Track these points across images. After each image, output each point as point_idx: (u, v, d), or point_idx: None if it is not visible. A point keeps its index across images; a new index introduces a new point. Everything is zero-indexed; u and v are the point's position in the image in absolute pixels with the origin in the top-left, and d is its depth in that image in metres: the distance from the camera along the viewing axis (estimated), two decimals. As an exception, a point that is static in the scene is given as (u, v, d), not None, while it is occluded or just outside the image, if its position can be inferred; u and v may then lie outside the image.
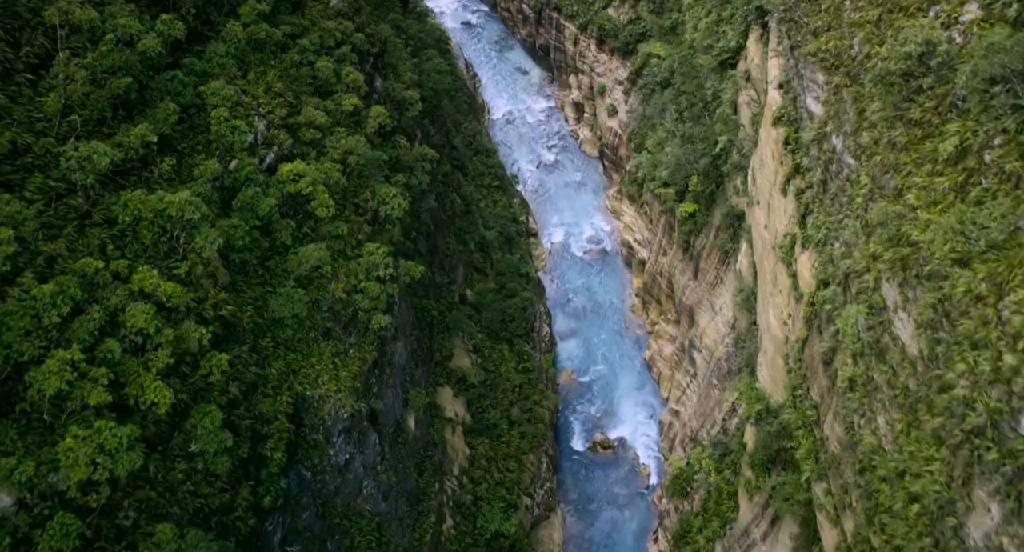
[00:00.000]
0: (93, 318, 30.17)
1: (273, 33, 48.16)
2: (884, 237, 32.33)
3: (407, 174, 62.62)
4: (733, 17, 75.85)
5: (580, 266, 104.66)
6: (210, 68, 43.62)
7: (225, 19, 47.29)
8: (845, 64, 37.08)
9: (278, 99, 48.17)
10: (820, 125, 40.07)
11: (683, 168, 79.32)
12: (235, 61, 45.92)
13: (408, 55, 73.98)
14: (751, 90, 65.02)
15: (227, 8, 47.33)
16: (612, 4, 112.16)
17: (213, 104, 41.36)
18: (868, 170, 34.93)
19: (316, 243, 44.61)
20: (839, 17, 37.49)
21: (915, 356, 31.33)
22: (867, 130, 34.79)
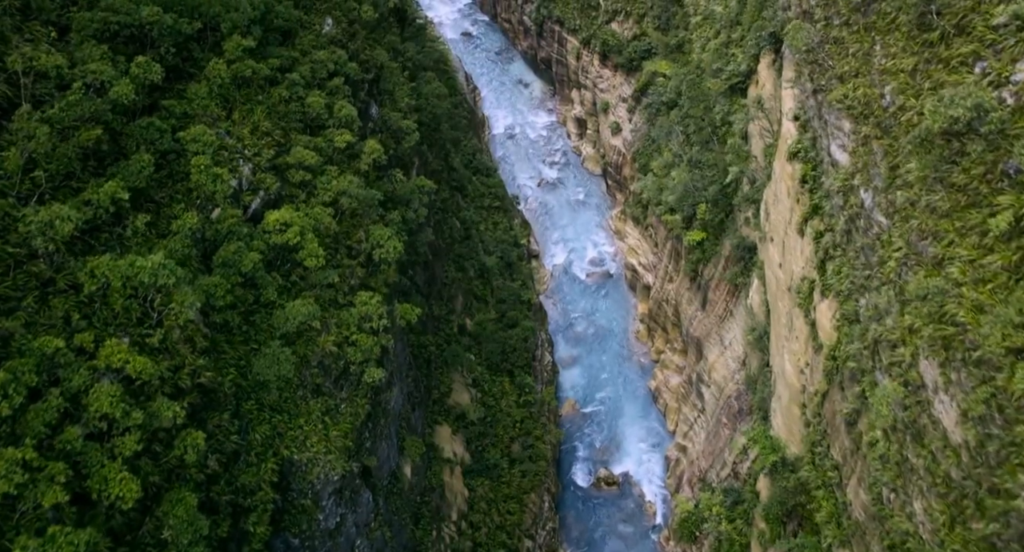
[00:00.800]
0: (51, 406, 27.25)
1: (260, 69, 45.25)
2: (923, 311, 29.41)
3: (403, 208, 59.76)
4: (743, 40, 72.97)
5: (583, 289, 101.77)
6: (191, 110, 40.71)
7: (209, 55, 44.39)
8: (875, 114, 34.19)
9: (265, 139, 45.26)
10: (846, 176, 37.15)
11: (691, 195, 76.45)
12: (219, 100, 43.02)
13: (405, 79, 71.09)
14: (763, 119, 62.12)
15: (211, 43, 44.43)
16: (616, 19, 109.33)
17: (193, 151, 38.44)
18: (903, 233, 32.01)
19: (304, 298, 41.67)
20: (868, 63, 34.60)
21: (959, 444, 28.42)
22: (901, 189, 31.88)
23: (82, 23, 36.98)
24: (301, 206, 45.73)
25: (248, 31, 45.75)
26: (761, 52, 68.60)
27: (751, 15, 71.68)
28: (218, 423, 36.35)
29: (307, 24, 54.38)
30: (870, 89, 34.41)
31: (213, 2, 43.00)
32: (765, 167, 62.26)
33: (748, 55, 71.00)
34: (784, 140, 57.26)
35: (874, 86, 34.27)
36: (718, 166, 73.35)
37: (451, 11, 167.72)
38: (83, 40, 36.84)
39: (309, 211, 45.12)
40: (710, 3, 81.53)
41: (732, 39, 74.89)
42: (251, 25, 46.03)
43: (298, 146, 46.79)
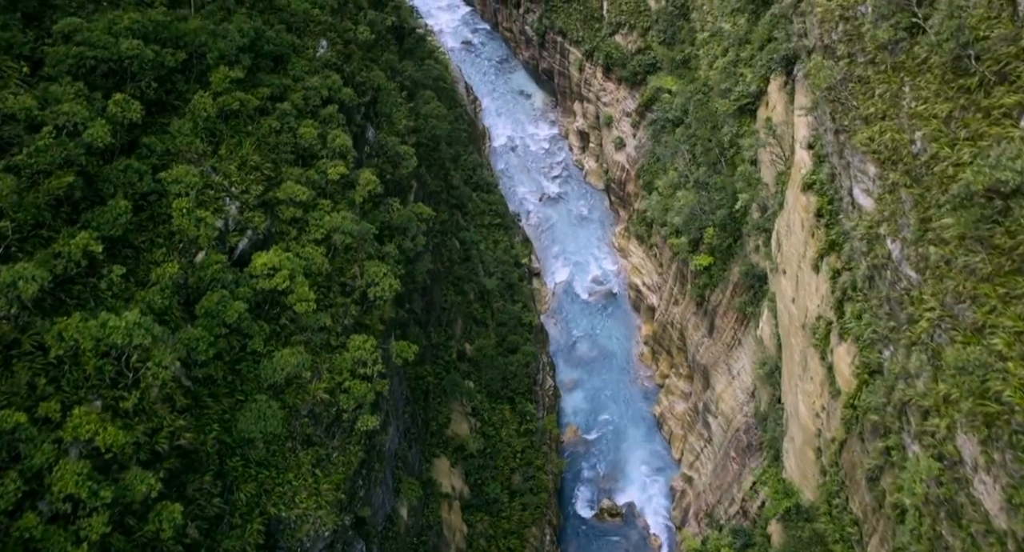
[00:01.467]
0: (8, 490, 24.86)
1: (249, 100, 42.86)
2: (962, 383, 27.03)
3: (400, 237, 57.39)
4: (753, 59, 70.57)
5: (585, 309, 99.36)
6: (175, 147, 38.32)
7: (194, 87, 42.02)
8: (904, 161, 31.81)
9: (254, 174, 42.87)
10: (871, 224, 34.77)
11: (697, 218, 74.07)
12: (205, 135, 40.64)
13: (403, 99, 68.74)
14: (776, 146, 59.73)
15: (196, 74, 42.06)
16: (619, 31, 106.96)
17: (175, 193, 36.05)
18: (936, 292, 29.62)
19: (293, 345, 39.29)
20: (896, 106, 32.22)
21: (1004, 532, 26.05)
22: (935, 245, 29.49)
23: (56, 58, 34.63)
24: (292, 244, 43.36)
25: (236, 60, 43.37)
26: (772, 74, 66.33)
27: (761, 34, 69.32)
28: (199, 486, 33.97)
29: (300, 49, 52.03)
30: (899, 134, 32.04)
31: (198, 32, 40.63)
32: (777, 195, 59.91)
33: (758, 76, 68.62)
34: (798, 169, 54.93)
35: (903, 131, 31.90)
36: (726, 190, 70.99)
37: (452, 19, 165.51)
38: (57, 76, 34.46)
39: (300, 250, 42.76)
40: (718, 20, 79.15)
41: (741, 58, 72.50)
42: (240, 54, 43.66)
43: (289, 180, 44.42)
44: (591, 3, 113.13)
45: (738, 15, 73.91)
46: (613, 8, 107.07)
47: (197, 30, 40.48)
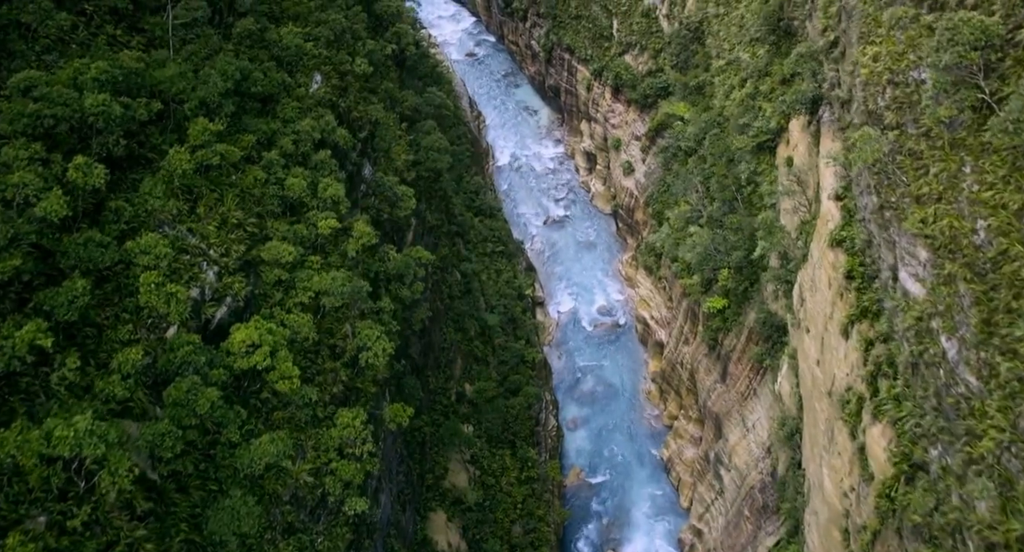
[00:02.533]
0: None
1: (231, 153, 39.08)
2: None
3: (397, 285, 53.67)
4: (773, 93, 66.77)
5: (590, 341, 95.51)
6: (145, 211, 34.52)
7: (171, 137, 38.25)
8: (964, 252, 28.02)
9: (236, 232, 39.11)
10: (920, 315, 30.95)
11: (712, 258, 70.23)
12: (181, 192, 36.89)
13: (403, 131, 64.99)
14: (799, 194, 55.88)
15: (173, 124, 38.30)
16: (630, 52, 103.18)
17: (143, 265, 32.30)
18: (1005, 409, 25.83)
19: (273, 430, 35.53)
20: (955, 188, 28.45)
21: None
22: (1006, 357, 25.69)
23: (10, 116, 30.88)
24: (276, 310, 39.60)
25: (218, 108, 39.60)
26: (793, 110, 62.61)
27: (785, 70, 65.49)
28: (162, 602, 30.22)
29: (291, 87, 48.27)
30: (958, 221, 28.24)
31: (175, 80, 36.86)
32: (800, 245, 56.09)
33: (778, 112, 64.80)
34: (824, 221, 51.15)
35: (963, 218, 28.12)
36: (743, 231, 67.15)
37: (457, 30, 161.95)
38: (11, 137, 30.71)
39: (284, 317, 39.00)
40: (735, 48, 75.35)
41: (760, 91, 68.67)
42: (222, 100, 39.89)
43: (274, 239, 40.64)
44: (601, 21, 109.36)
45: (757, 45, 70.12)
46: (623, 28, 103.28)
47: (174, 78, 36.71)
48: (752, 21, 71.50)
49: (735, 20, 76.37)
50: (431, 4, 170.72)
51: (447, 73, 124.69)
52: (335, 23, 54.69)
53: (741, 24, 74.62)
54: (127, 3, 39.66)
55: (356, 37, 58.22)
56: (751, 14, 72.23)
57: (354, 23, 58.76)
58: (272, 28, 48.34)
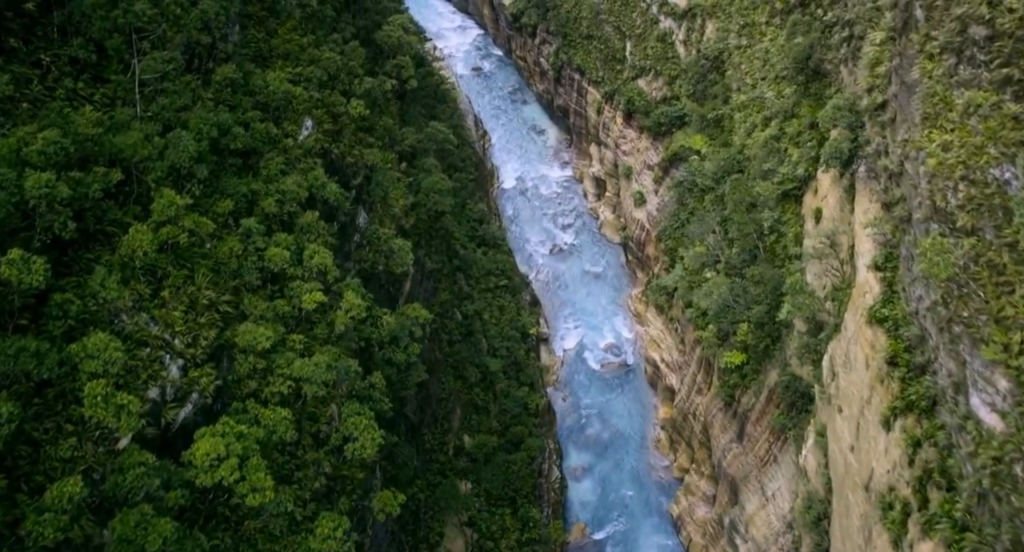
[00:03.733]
0: None
1: (203, 225, 34.56)
2: None
3: (391, 348, 49.18)
4: (800, 137, 62.17)
5: (597, 382, 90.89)
6: (96, 303, 29.99)
7: (134, 208, 33.73)
8: (1060, 392, 23.46)
9: (207, 315, 34.60)
10: (999, 456, 26.35)
11: (731, 311, 65.59)
12: (143, 274, 32.38)
13: (402, 173, 60.46)
14: (832, 256, 51.21)
15: (136, 194, 33.75)
16: (644, 76, 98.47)
17: (89, 372, 27.79)
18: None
19: (242, 550, 31.00)
20: (1050, 314, 23.91)
21: None
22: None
23: (-66, 201, 26.44)
24: (250, 402, 35.08)
25: (190, 174, 35.07)
26: (826, 163, 58.17)
27: (811, 111, 60.89)
28: None
29: (277, 138, 43.71)
30: (1052, 356, 23.70)
31: (139, 146, 32.33)
32: (832, 312, 51.45)
33: (806, 158, 60.27)
34: (861, 292, 46.58)
35: (1059, 353, 23.58)
36: (766, 283, 62.49)
37: (463, 43, 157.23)
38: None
39: (260, 412, 34.47)
40: (758, 84, 70.70)
41: (786, 133, 64.04)
42: (195, 165, 35.36)
43: (251, 318, 36.10)
44: (613, 43, 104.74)
45: (783, 83, 65.48)
46: (638, 51, 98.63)
47: (137, 145, 32.15)
48: (778, 57, 66.88)
49: (758, 53, 71.74)
50: (437, 15, 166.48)
51: (452, 91, 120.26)
52: (329, 63, 50.20)
53: (765, 59, 69.99)
54: (90, 53, 35.13)
55: (352, 75, 53.69)
56: (777, 50, 67.58)
57: (350, 60, 54.20)
58: (257, 73, 43.80)
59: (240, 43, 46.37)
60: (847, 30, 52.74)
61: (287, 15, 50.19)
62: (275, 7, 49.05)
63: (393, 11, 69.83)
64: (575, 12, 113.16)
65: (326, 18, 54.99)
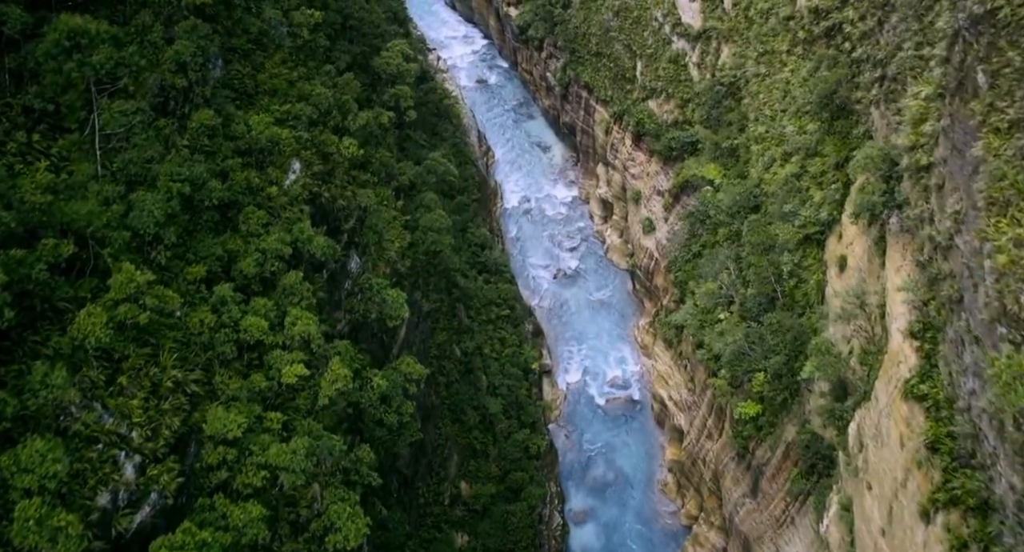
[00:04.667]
0: None
1: (170, 300, 30.84)
2: None
3: (383, 409, 45.42)
4: (824, 176, 58.36)
5: (601, 419, 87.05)
6: (38, 399, 26.26)
7: (91, 281, 30.00)
8: None
9: (171, 398, 30.87)
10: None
11: (746, 359, 61.73)
12: (96, 360, 28.65)
13: (398, 210, 56.70)
14: (862, 318, 47.32)
15: (91, 266, 30.00)
16: (654, 97, 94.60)
17: (21, 489, 24.06)
18: None
19: None
20: None
21: None
22: None
23: None
24: (218, 497, 31.35)
25: (156, 239, 31.36)
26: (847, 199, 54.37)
27: (835, 149, 57.11)
28: None
29: (259, 188, 39.98)
30: None
31: (95, 214, 28.60)
32: (860, 376, 47.58)
33: (830, 201, 56.43)
34: (894, 360, 42.74)
35: None
36: (784, 333, 58.64)
37: (468, 53, 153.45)
38: None
39: (229, 510, 30.73)
40: (778, 116, 66.82)
41: (808, 171, 60.22)
42: (162, 229, 31.64)
43: (220, 403, 32.35)
44: (623, 62, 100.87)
45: (805, 118, 61.62)
46: (648, 72, 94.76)
47: (93, 214, 28.42)
48: (800, 90, 63.00)
49: (778, 83, 67.87)
50: (442, 24, 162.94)
51: (455, 106, 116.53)
52: (320, 99, 46.45)
53: (786, 90, 66.11)
54: (46, 102, 31.41)
55: (344, 110, 49.96)
56: (798, 82, 63.69)
57: (344, 93, 50.50)
58: (239, 116, 40.06)
59: (223, 80, 42.64)
60: (879, 70, 48.92)
61: (276, 47, 46.45)
62: (262, 40, 45.29)
63: (394, 34, 66.03)
64: (584, 28, 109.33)
65: (319, 48, 51.27)
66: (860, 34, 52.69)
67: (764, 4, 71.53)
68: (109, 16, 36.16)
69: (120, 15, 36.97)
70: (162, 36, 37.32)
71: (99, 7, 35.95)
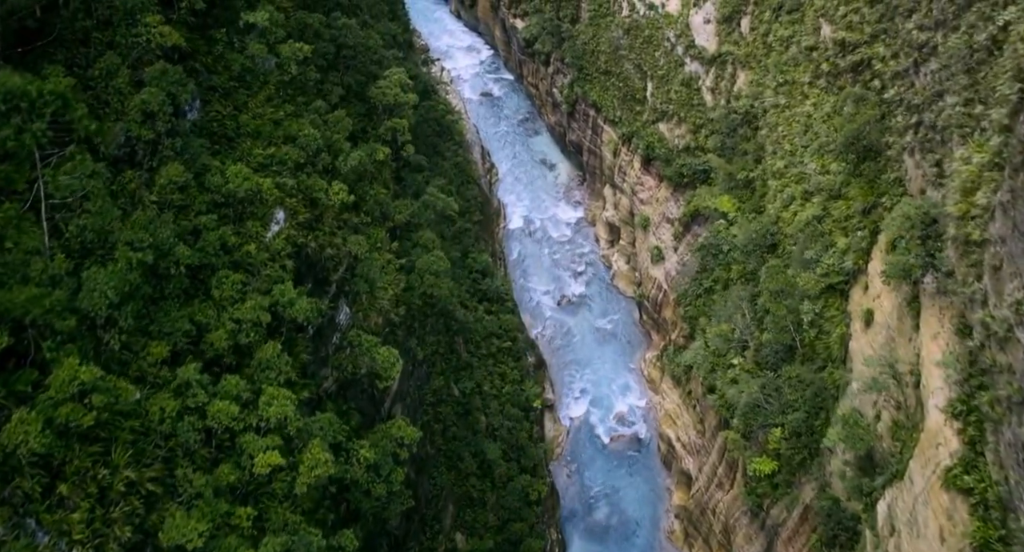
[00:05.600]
0: None
1: (124, 393, 27.10)
2: None
3: (370, 477, 41.73)
4: (848, 222, 54.53)
5: (605, 458, 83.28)
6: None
7: (32, 373, 26.28)
8: None
9: (124, 503, 27.19)
10: None
11: (761, 413, 57.94)
12: (31, 468, 24.97)
13: (393, 253, 53.00)
14: (894, 389, 43.47)
15: (31, 357, 26.28)
16: (666, 120, 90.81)
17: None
18: None
19: None
20: None
21: None
22: None
23: None
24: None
25: (108, 323, 27.68)
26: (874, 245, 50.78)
27: (864, 196, 53.29)
28: None
29: (236, 246, 36.29)
30: None
31: (35, 301, 24.90)
32: (892, 452, 43.74)
33: (856, 249, 52.64)
34: (932, 441, 39.05)
35: None
36: (803, 388, 54.88)
37: (472, 63, 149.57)
38: None
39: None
40: (799, 151, 62.96)
41: (831, 214, 56.39)
42: (117, 308, 27.95)
43: (181, 505, 28.64)
44: (633, 82, 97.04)
45: (829, 157, 57.77)
46: (659, 93, 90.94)
47: (32, 300, 24.72)
48: (823, 127, 59.16)
49: (799, 117, 64.00)
50: (446, 32, 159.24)
51: (458, 122, 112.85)
52: (308, 141, 42.73)
53: (807, 124, 62.26)
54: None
55: (335, 151, 46.28)
56: (821, 117, 59.85)
57: (335, 132, 46.81)
58: (215, 167, 36.34)
59: (200, 123, 39.00)
60: (915, 116, 45.10)
61: (261, 84, 42.76)
62: (246, 77, 41.61)
63: (393, 60, 62.33)
64: (592, 45, 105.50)
65: (309, 81, 47.56)
66: (893, 74, 48.85)
67: (784, 31, 67.72)
68: (68, 60, 32.56)
69: (82, 58, 33.34)
70: (129, 81, 33.68)
71: (57, 50, 32.33)
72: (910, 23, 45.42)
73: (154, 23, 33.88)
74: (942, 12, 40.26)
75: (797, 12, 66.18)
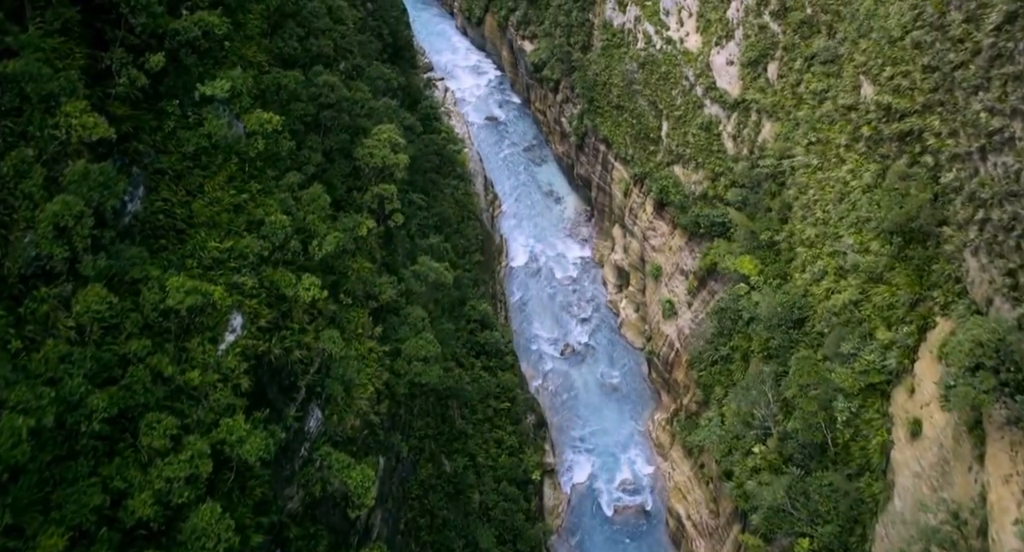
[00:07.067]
0: None
1: None
2: None
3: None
4: (892, 311, 48.24)
5: (608, 532, 76.99)
6: None
7: None
8: None
9: None
10: None
11: (787, 519, 51.62)
12: None
13: (375, 340, 46.84)
14: (955, 529, 37.13)
15: None
16: (682, 164, 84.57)
17: None
18: None
19: None
20: None
21: None
22: None
23: None
24: None
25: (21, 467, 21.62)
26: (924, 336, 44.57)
27: (911, 285, 47.01)
28: None
29: (171, 377, 30.14)
30: None
31: None
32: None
33: (900, 346, 46.32)
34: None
35: None
36: (837, 499, 48.59)
37: (478, 85, 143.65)
38: None
39: None
40: (832, 222, 56.62)
41: (872, 300, 50.09)
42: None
43: None
44: (647, 120, 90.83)
45: (870, 234, 51.42)
46: (676, 135, 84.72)
47: None
48: (863, 198, 52.80)
49: (833, 181, 57.66)
50: (452, 51, 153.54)
51: (460, 153, 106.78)
52: (275, 229, 36.64)
53: (843, 191, 55.93)
54: None
55: (310, 234, 40.17)
56: (861, 186, 53.50)
57: (310, 212, 40.71)
58: (153, 279, 30.25)
59: (144, 216, 32.95)
60: (981, 211, 38.79)
61: (222, 162, 36.66)
62: (201, 157, 35.53)
63: (385, 110, 56.21)
64: (604, 76, 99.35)
65: (281, 151, 41.44)
66: (951, 155, 42.51)
67: (818, 84, 61.35)
68: (-36, 160, 26.52)
69: (-14, 154, 27.30)
70: (43, 184, 27.59)
71: (-48, 148, 26.30)
72: (976, 102, 39.10)
73: (75, 112, 27.75)
74: (1022, 101, 33.96)
75: (833, 65, 59.88)
